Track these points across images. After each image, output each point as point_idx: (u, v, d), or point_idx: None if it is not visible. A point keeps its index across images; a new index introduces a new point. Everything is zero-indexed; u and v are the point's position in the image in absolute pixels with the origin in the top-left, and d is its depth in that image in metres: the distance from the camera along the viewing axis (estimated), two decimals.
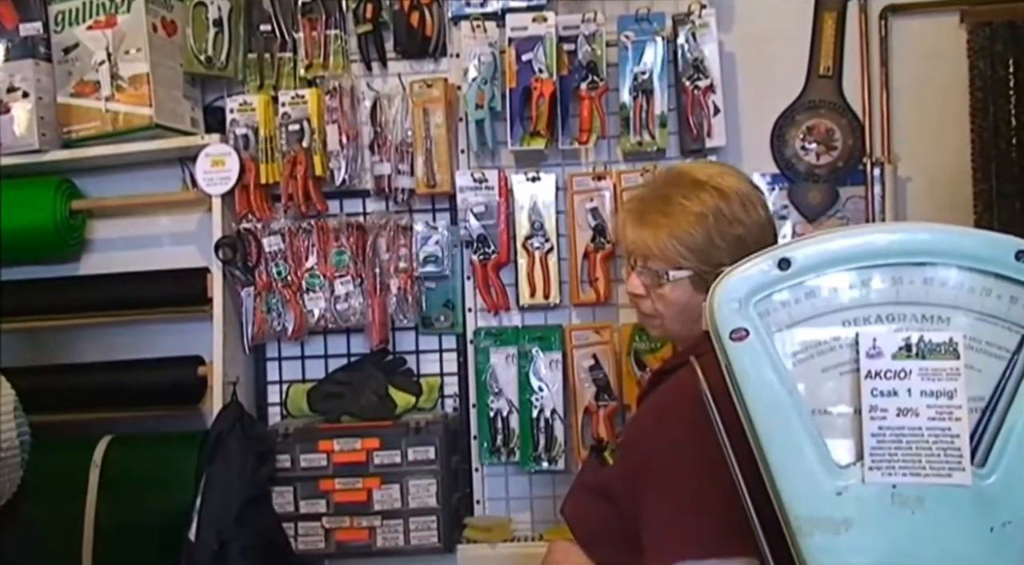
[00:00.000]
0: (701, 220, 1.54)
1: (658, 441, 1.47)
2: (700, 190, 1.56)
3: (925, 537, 0.99)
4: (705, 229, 1.54)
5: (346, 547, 2.54)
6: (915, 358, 0.99)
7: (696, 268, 1.55)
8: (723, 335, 1.02)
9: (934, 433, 0.98)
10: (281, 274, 2.68)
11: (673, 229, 1.55)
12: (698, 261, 1.55)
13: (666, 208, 1.57)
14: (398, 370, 2.74)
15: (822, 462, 0.99)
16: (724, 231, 1.54)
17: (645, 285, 1.62)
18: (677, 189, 1.58)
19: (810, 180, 2.66)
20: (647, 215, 1.60)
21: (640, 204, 1.64)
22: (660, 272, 1.58)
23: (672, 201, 1.57)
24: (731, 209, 1.55)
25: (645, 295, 1.63)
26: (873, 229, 1.08)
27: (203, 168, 2.65)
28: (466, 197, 2.66)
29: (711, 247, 1.54)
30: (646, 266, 1.61)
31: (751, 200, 1.58)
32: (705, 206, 1.55)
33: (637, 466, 1.48)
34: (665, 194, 1.59)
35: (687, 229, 1.55)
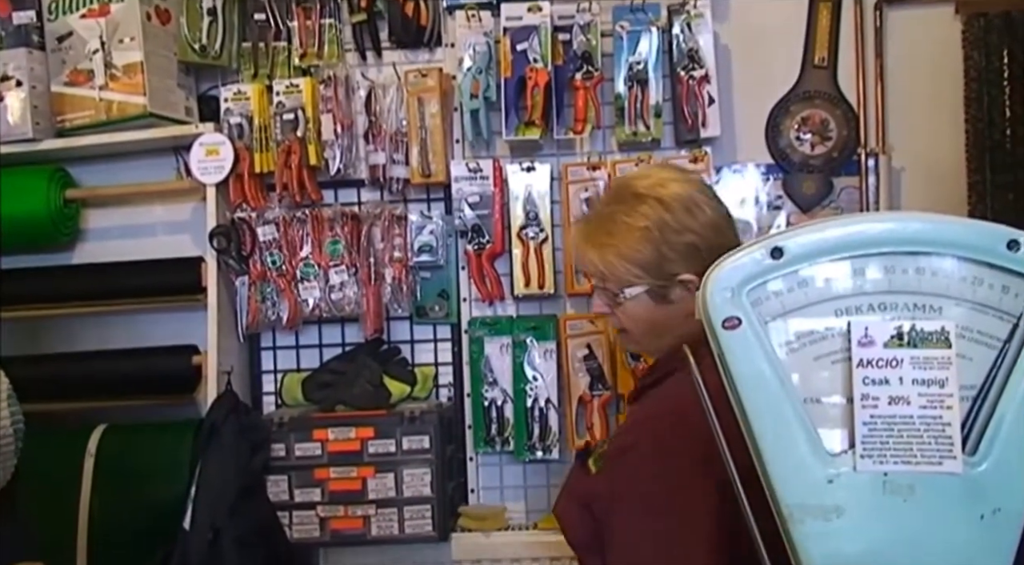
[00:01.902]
0: (646, 235, 1.51)
1: (634, 466, 1.45)
2: (640, 204, 1.52)
3: (916, 525, 0.99)
4: (652, 243, 1.51)
5: (341, 535, 2.54)
6: (907, 347, 0.99)
7: (650, 283, 1.53)
8: (715, 324, 1.02)
9: (925, 421, 0.98)
10: (276, 263, 2.68)
11: (620, 248, 1.52)
12: (651, 276, 1.52)
13: (610, 227, 1.54)
14: (393, 360, 2.74)
15: (814, 450, 1.00)
16: (673, 242, 1.50)
17: (607, 305, 1.60)
18: (618, 206, 1.55)
19: (804, 170, 2.67)
20: (593, 236, 1.57)
21: (586, 225, 1.61)
22: (615, 292, 1.56)
23: (615, 219, 1.54)
24: (676, 218, 1.50)
25: (610, 313, 1.61)
26: (866, 218, 1.09)
27: (197, 157, 2.65)
28: (461, 187, 2.66)
29: (662, 260, 1.51)
30: (603, 286, 1.59)
31: (696, 204, 1.53)
32: (648, 220, 1.51)
33: (610, 491, 1.47)
34: (608, 213, 1.56)
35: (633, 246, 1.51)
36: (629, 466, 1.45)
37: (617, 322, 1.61)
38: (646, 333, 1.59)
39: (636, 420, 1.55)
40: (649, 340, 1.60)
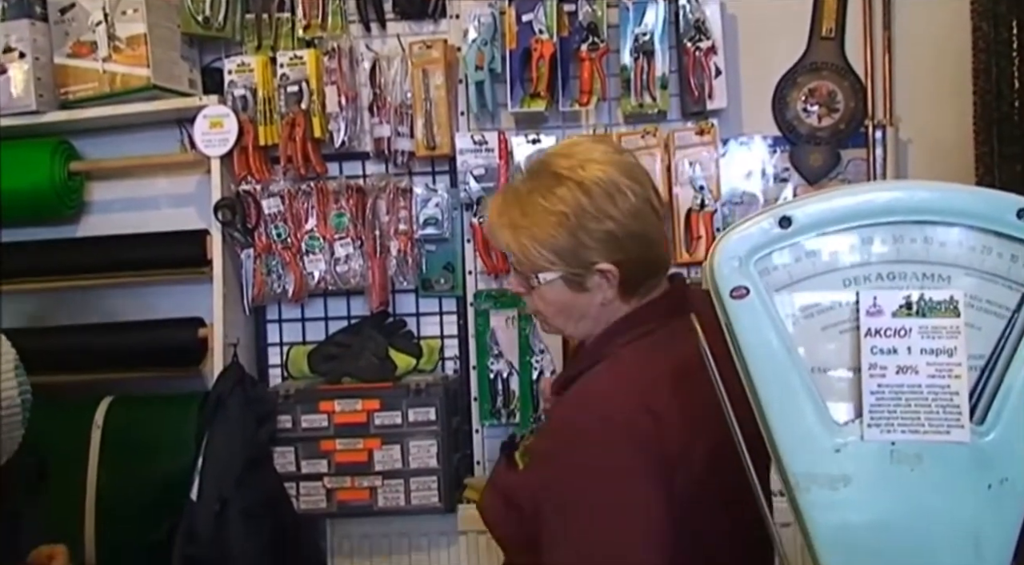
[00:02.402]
0: (562, 221, 1.39)
1: (563, 466, 1.36)
2: (559, 186, 1.41)
3: (923, 494, 0.99)
4: (568, 230, 1.39)
5: (347, 507, 2.57)
6: (915, 316, 0.99)
7: (565, 271, 1.42)
8: (723, 294, 1.02)
9: (933, 391, 0.98)
10: (281, 236, 2.68)
11: (534, 232, 1.41)
12: (566, 264, 1.42)
13: (526, 207, 1.43)
14: (398, 332, 2.75)
15: (821, 419, 1.00)
16: (590, 229, 1.39)
17: (523, 286, 1.51)
18: (536, 185, 1.43)
19: (811, 143, 2.65)
20: (507, 214, 1.45)
21: (502, 201, 1.48)
22: (529, 276, 1.46)
23: (532, 200, 1.42)
24: (595, 204, 1.39)
25: (526, 293, 1.51)
26: (874, 187, 1.08)
27: (201, 129, 2.64)
28: (466, 159, 2.65)
29: (578, 247, 1.40)
30: (517, 268, 1.49)
31: (619, 189, 1.40)
32: (565, 205, 1.39)
33: (539, 486, 1.39)
34: (526, 191, 1.44)
35: (548, 231, 1.40)
36: (559, 467, 1.37)
37: (532, 305, 1.52)
38: (561, 317, 1.50)
39: (563, 419, 1.43)
40: (565, 324, 1.51)
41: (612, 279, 1.42)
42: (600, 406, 1.36)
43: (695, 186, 2.56)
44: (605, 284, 1.43)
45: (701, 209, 2.56)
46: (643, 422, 1.31)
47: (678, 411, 1.25)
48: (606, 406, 1.36)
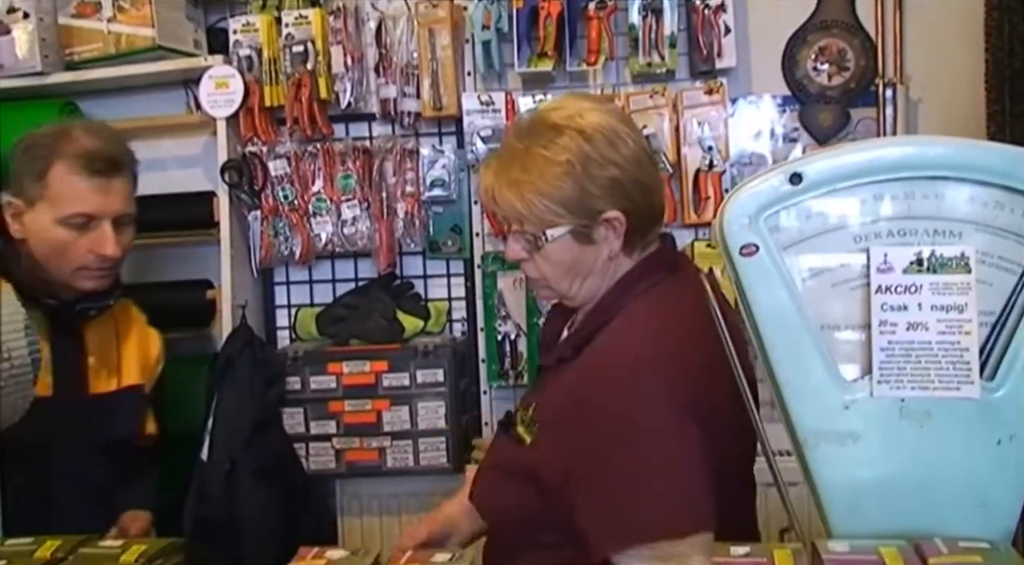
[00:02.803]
0: (568, 170, 1.38)
1: (607, 415, 1.34)
2: (560, 136, 1.39)
3: (932, 450, 1.00)
4: (573, 179, 1.38)
5: (357, 467, 2.58)
6: (926, 273, 0.98)
7: (574, 223, 1.40)
8: (732, 251, 1.01)
9: (944, 347, 0.98)
10: (287, 198, 2.67)
11: (539, 185, 1.39)
12: (574, 215, 1.40)
13: (527, 163, 1.40)
14: (406, 294, 2.75)
15: (830, 376, 1.00)
16: (596, 176, 1.38)
17: (524, 250, 1.46)
18: (535, 139, 1.41)
19: (821, 101, 2.63)
20: (508, 174, 1.42)
21: (499, 162, 1.46)
22: (536, 235, 1.43)
23: (532, 154, 1.40)
24: (598, 150, 1.39)
25: (527, 259, 1.47)
26: (885, 143, 1.07)
27: (207, 90, 2.62)
28: (473, 120, 2.63)
29: (585, 197, 1.39)
30: (521, 230, 1.45)
31: (618, 135, 1.41)
32: (569, 153, 1.38)
33: (575, 442, 1.36)
34: (524, 147, 1.42)
35: (554, 183, 1.38)
36: (592, 422, 1.35)
37: (534, 270, 1.48)
38: (565, 278, 1.47)
39: (590, 373, 1.40)
40: (568, 285, 1.47)
41: (619, 229, 1.41)
42: (627, 355, 1.37)
43: (703, 146, 2.54)
44: (612, 235, 1.42)
45: (710, 169, 2.54)
46: (671, 367, 1.32)
47: (700, 354, 1.24)
48: (633, 354, 1.36)
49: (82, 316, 1.83)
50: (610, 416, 1.34)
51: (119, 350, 1.92)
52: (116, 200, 1.76)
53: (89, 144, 1.75)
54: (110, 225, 1.76)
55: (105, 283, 1.81)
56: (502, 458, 1.54)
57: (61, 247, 1.74)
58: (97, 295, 1.84)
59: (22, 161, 1.77)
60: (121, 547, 0.99)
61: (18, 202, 1.76)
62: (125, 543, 1.00)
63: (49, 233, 1.74)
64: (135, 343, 1.96)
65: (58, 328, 1.77)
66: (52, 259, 1.75)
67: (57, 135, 1.77)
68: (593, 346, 1.42)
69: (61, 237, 1.74)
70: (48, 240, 1.74)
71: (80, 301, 1.81)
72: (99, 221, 1.75)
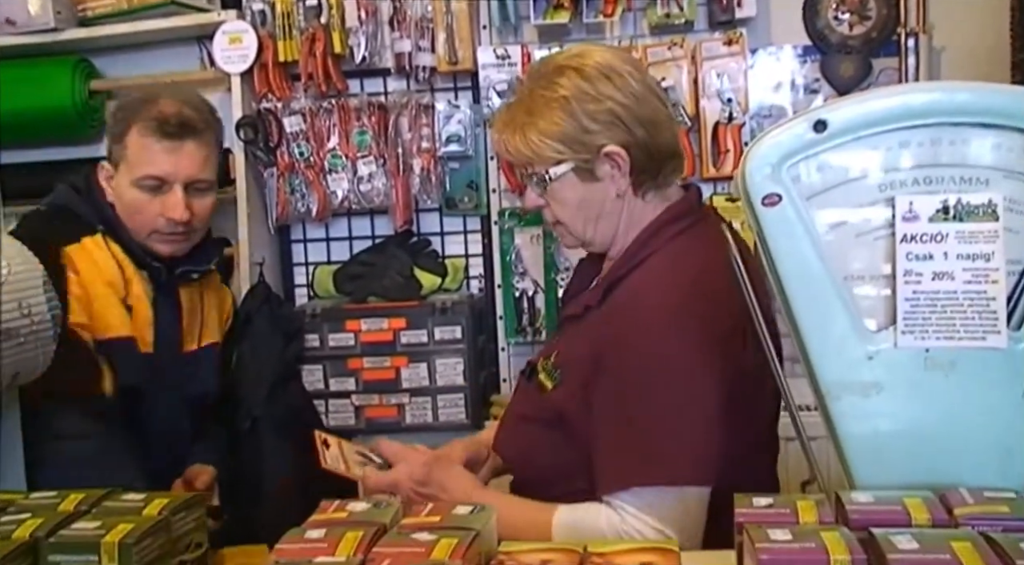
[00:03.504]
0: (563, 106, 1.41)
1: (631, 356, 1.36)
2: (558, 76, 1.43)
3: (956, 401, 0.99)
4: (570, 114, 1.41)
5: (376, 423, 2.60)
6: (952, 221, 0.97)
7: (575, 159, 1.43)
8: (754, 201, 1.00)
9: (969, 296, 0.97)
10: (303, 155, 2.66)
11: (539, 125, 1.42)
12: (574, 151, 1.42)
13: (530, 106, 1.44)
14: (423, 251, 2.74)
15: (854, 327, 0.99)
16: (591, 110, 1.40)
17: (539, 195, 1.49)
18: (538, 82, 1.45)
19: (843, 52, 2.58)
20: (513, 121, 1.46)
21: (507, 111, 1.50)
22: (542, 175, 1.46)
23: (534, 96, 1.44)
24: (594, 86, 1.41)
25: (544, 204, 1.50)
26: (912, 88, 1.05)
27: (220, 46, 2.61)
28: (488, 74, 2.61)
29: (583, 132, 1.41)
30: (530, 172, 1.48)
31: (616, 71, 1.43)
32: (565, 90, 1.41)
33: (598, 381, 1.39)
34: (527, 91, 1.46)
35: (553, 120, 1.41)
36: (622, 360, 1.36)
37: (550, 214, 1.51)
38: (579, 218, 1.48)
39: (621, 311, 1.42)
40: (584, 226, 1.49)
41: (622, 165, 1.42)
42: (654, 301, 1.37)
43: (723, 98, 2.51)
44: (616, 173, 1.43)
45: (729, 122, 2.51)
46: (697, 316, 1.33)
47: (728, 304, 1.23)
48: (660, 300, 1.37)
49: (182, 278, 1.88)
50: (633, 357, 1.35)
51: (203, 309, 1.97)
52: (188, 165, 1.78)
53: (167, 108, 1.78)
54: (181, 189, 1.77)
55: (181, 248, 1.84)
56: (526, 406, 1.55)
57: (135, 209, 1.78)
58: (198, 259, 1.89)
59: (110, 124, 1.83)
60: (144, 500, 1.00)
61: (108, 166, 1.82)
62: (148, 496, 1.01)
63: (127, 195, 1.78)
64: (214, 302, 2.02)
65: (160, 289, 1.84)
66: (130, 221, 1.79)
67: (142, 99, 1.81)
68: (619, 292, 1.44)
69: (135, 199, 1.77)
70: (126, 202, 1.79)
71: (181, 263, 1.86)
72: (171, 185, 1.77)
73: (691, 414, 1.33)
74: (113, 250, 1.78)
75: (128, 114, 1.79)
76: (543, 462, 1.48)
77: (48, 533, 0.91)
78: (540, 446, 1.49)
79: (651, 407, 1.33)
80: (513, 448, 1.57)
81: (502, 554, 0.89)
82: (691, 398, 1.33)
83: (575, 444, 1.42)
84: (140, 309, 1.79)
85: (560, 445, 1.44)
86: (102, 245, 1.77)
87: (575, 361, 1.44)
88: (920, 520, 0.87)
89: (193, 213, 1.80)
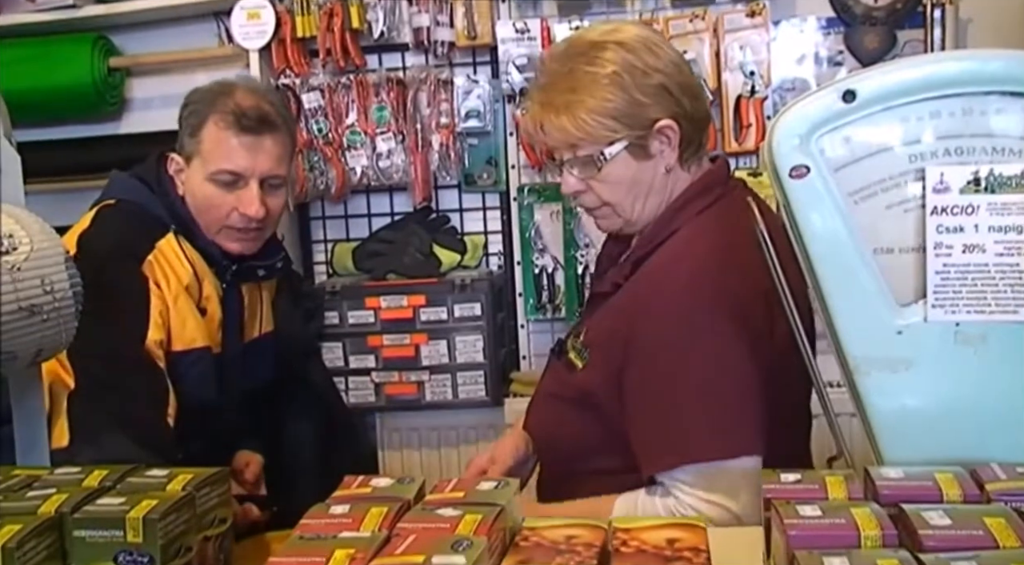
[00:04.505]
0: (616, 81, 1.36)
1: (663, 330, 1.34)
2: (601, 50, 1.37)
3: (986, 376, 0.97)
4: (623, 90, 1.36)
5: (396, 400, 2.60)
6: (984, 192, 0.95)
7: (630, 136, 1.38)
8: (781, 173, 0.98)
9: (1001, 269, 0.95)
10: (322, 131, 2.65)
11: (589, 103, 1.36)
12: (628, 128, 1.37)
13: (573, 83, 1.38)
14: (442, 228, 2.74)
15: (883, 301, 0.97)
16: (643, 84, 1.36)
17: (582, 179, 1.43)
18: (577, 59, 1.39)
19: (867, 23, 2.55)
20: (555, 100, 1.39)
21: (543, 91, 1.42)
22: (594, 156, 1.39)
23: (576, 73, 1.38)
24: (642, 59, 1.37)
25: (585, 189, 1.44)
26: (944, 57, 1.03)
27: (238, 22, 2.60)
28: (508, 49, 2.59)
29: (636, 107, 1.36)
30: (576, 156, 1.41)
31: (655, 42, 1.40)
32: (614, 65, 1.36)
33: (630, 358, 1.36)
34: (568, 70, 1.39)
35: (604, 97, 1.36)
36: (652, 334, 1.35)
37: (594, 198, 1.45)
38: (629, 198, 1.43)
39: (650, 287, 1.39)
40: (633, 206, 1.44)
41: (673, 138, 1.39)
42: (684, 272, 1.36)
43: (745, 71, 2.48)
44: (667, 147, 1.40)
45: (751, 95, 2.48)
46: (731, 282, 1.31)
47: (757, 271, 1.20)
48: (690, 272, 1.35)
49: (247, 275, 1.85)
50: (664, 332, 1.34)
51: (261, 300, 1.95)
52: (265, 160, 1.74)
53: (244, 101, 1.73)
54: (257, 185, 1.74)
55: (252, 247, 1.80)
56: (556, 385, 1.53)
57: (208, 204, 1.74)
58: (264, 256, 1.86)
59: (183, 116, 1.77)
60: (167, 476, 1.00)
61: (179, 159, 1.77)
62: (171, 472, 1.01)
63: (199, 189, 1.74)
64: (268, 292, 2.00)
65: (227, 286, 1.81)
66: (202, 216, 1.75)
67: (217, 91, 1.76)
68: (646, 269, 1.41)
69: (209, 194, 1.73)
70: (199, 196, 1.74)
71: (250, 260, 1.83)
72: (246, 180, 1.73)
73: (727, 384, 1.31)
74: (186, 250, 1.74)
75: (203, 107, 1.74)
76: (570, 441, 1.47)
77: (73, 509, 0.91)
78: (567, 425, 1.47)
79: (687, 381, 1.32)
80: (541, 426, 1.56)
81: (527, 530, 0.89)
82: (725, 369, 1.31)
83: (602, 423, 1.40)
84: (212, 310, 1.77)
85: (588, 424, 1.43)
86: (175, 246, 1.72)
87: (604, 339, 1.41)
88: (952, 496, 0.86)
89: (267, 210, 1.75)
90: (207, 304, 1.77)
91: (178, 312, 1.70)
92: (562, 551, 0.84)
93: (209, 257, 1.76)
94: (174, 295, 1.70)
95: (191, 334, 1.72)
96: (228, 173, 1.72)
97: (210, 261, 1.76)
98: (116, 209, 1.77)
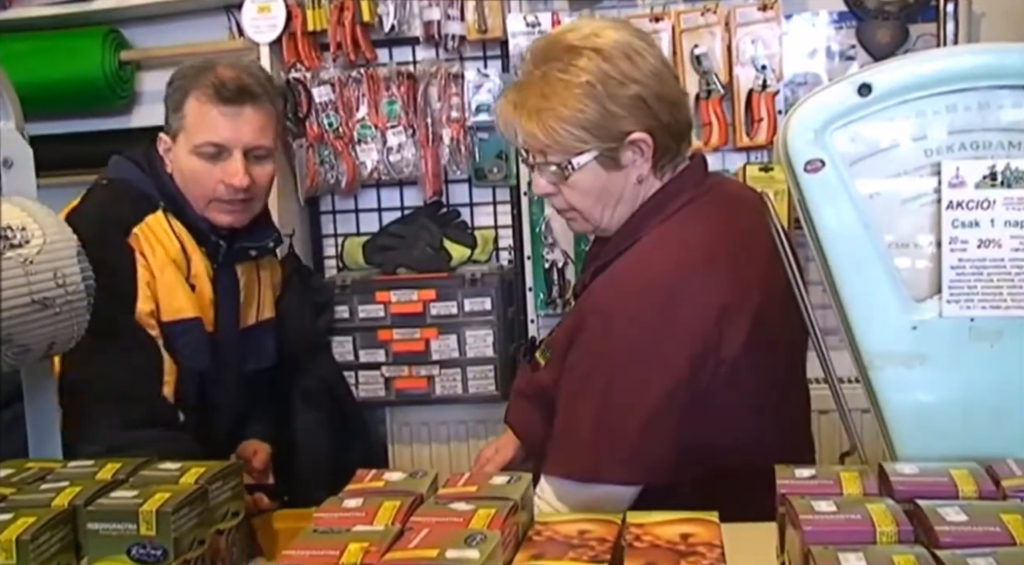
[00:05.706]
0: (588, 91, 1.32)
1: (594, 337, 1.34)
2: (577, 57, 1.33)
3: (1001, 372, 0.97)
4: (595, 100, 1.32)
5: (406, 395, 2.60)
6: (1000, 187, 0.94)
7: (600, 147, 1.35)
8: (796, 167, 0.98)
9: (1017, 264, 0.95)
10: (332, 125, 2.65)
11: (560, 111, 1.33)
12: (599, 139, 1.34)
13: (545, 89, 1.34)
14: (452, 222, 2.73)
15: (898, 296, 0.97)
16: (617, 95, 1.32)
17: (551, 182, 1.40)
18: (551, 64, 1.35)
19: (879, 17, 2.53)
20: (528, 103, 1.36)
21: (517, 93, 1.39)
22: (562, 164, 1.37)
23: (550, 79, 1.34)
24: (617, 68, 1.33)
25: (555, 192, 1.41)
26: (960, 50, 1.03)
27: (249, 15, 2.60)
28: (518, 42, 2.57)
29: (608, 119, 1.33)
30: (546, 161, 1.38)
31: (635, 50, 1.35)
32: (588, 74, 1.32)
33: (568, 359, 1.37)
34: (541, 74, 1.35)
35: (576, 106, 1.32)
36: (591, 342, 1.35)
37: (563, 202, 1.42)
38: (598, 206, 1.41)
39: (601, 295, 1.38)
40: (600, 214, 1.42)
41: (646, 151, 1.37)
42: (633, 281, 1.35)
43: (757, 66, 2.46)
44: (639, 158, 1.38)
45: (763, 90, 2.47)
46: (680, 298, 1.31)
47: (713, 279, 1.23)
48: (645, 282, 1.34)
49: (240, 255, 1.87)
50: (596, 342, 1.34)
51: (259, 284, 1.97)
52: (247, 130, 1.75)
53: (224, 74, 1.74)
54: (241, 155, 1.75)
55: (242, 218, 1.81)
56: (524, 383, 1.56)
57: (195, 177, 1.76)
58: (256, 235, 1.88)
59: (168, 95, 1.79)
60: (180, 469, 1.00)
61: (167, 138, 1.80)
62: (184, 465, 1.01)
63: (186, 164, 1.76)
64: (268, 277, 2.01)
65: (219, 266, 1.83)
66: (189, 190, 1.77)
67: (199, 68, 1.78)
68: (606, 274, 1.40)
69: (195, 167, 1.75)
70: (185, 171, 1.76)
71: (239, 240, 1.84)
72: (230, 151, 1.75)
73: (627, 412, 1.30)
74: (175, 226, 1.76)
75: (185, 83, 1.76)
76: (537, 438, 1.47)
77: (87, 502, 0.91)
78: (535, 423, 1.48)
79: (591, 396, 1.33)
80: (515, 424, 1.59)
81: (540, 524, 0.89)
82: (632, 395, 1.30)
83: None
84: (202, 287, 1.78)
85: (548, 421, 1.42)
86: (164, 222, 1.74)
87: (560, 339, 1.43)
88: (967, 492, 0.85)
89: (253, 180, 1.77)
90: (196, 281, 1.78)
91: (165, 283, 1.71)
92: (575, 545, 0.84)
93: (199, 234, 1.77)
94: (160, 266, 1.71)
95: (179, 304, 1.73)
96: (211, 145, 1.74)
97: (200, 238, 1.78)
98: (106, 187, 1.80)
